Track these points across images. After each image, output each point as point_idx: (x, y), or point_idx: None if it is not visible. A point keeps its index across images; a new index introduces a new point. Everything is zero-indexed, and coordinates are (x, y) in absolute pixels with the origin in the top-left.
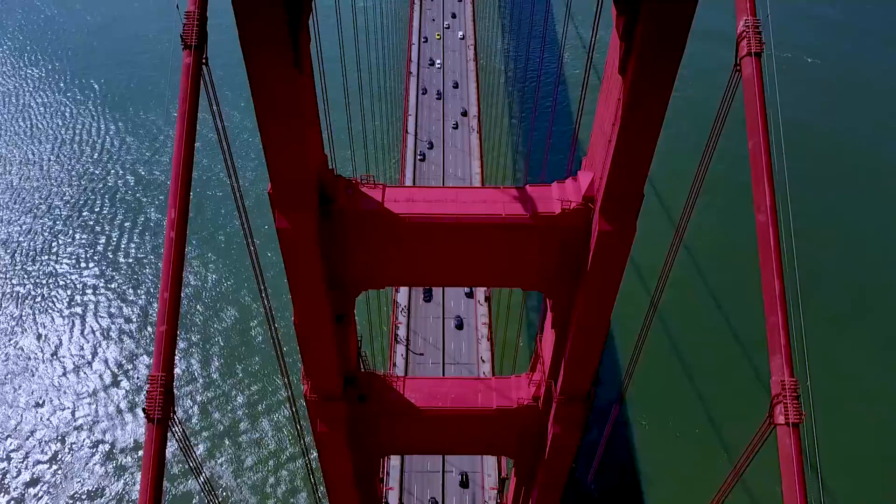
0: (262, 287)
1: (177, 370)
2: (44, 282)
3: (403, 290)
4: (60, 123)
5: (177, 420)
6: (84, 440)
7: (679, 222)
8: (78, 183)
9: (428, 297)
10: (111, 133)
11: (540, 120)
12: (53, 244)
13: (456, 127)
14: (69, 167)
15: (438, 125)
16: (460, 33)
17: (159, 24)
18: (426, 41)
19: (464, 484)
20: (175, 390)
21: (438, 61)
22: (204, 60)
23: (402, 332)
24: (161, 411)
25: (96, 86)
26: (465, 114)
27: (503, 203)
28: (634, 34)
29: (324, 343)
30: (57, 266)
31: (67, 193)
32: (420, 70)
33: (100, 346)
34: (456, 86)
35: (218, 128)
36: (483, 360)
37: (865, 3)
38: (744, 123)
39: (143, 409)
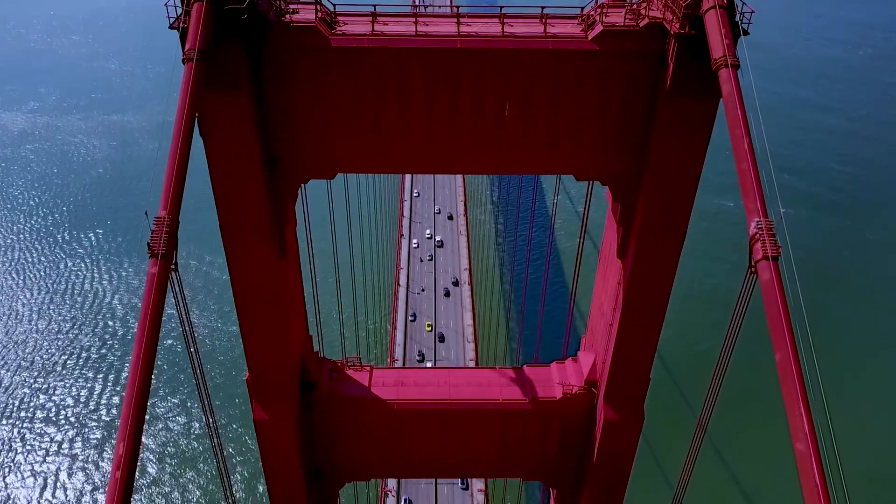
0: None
1: None
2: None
3: None
4: (55, 275)
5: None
6: None
7: (700, 418)
8: (65, 336)
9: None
10: (104, 284)
11: (533, 289)
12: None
13: (448, 294)
14: (59, 319)
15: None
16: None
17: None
18: (417, 246)
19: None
20: None
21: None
22: (173, 267)
23: None
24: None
25: (92, 238)
26: (456, 283)
27: (500, 386)
28: (633, 220)
29: None
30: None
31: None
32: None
33: None
34: (450, 291)
35: (188, 342)
36: None
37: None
38: (760, 316)
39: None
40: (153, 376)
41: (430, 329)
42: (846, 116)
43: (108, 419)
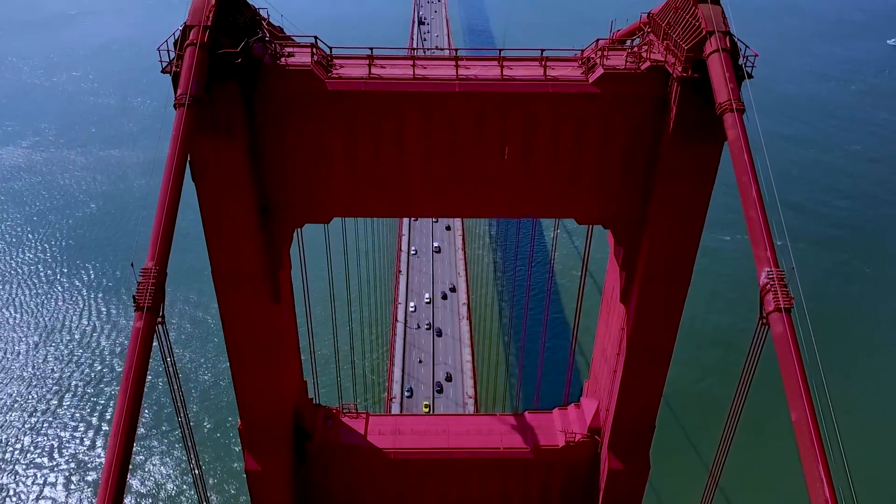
0: None
1: None
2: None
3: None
4: (50, 311)
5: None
6: None
7: (712, 467)
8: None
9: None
10: (98, 321)
11: (533, 325)
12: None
13: (440, 334)
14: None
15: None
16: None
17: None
18: (414, 310)
19: None
20: None
21: (427, 294)
22: (160, 320)
23: None
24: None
25: (90, 273)
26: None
27: (500, 434)
28: (636, 264)
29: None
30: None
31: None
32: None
33: None
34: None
35: (175, 397)
36: None
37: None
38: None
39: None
40: (139, 421)
41: (427, 410)
42: (840, 153)
43: (94, 465)
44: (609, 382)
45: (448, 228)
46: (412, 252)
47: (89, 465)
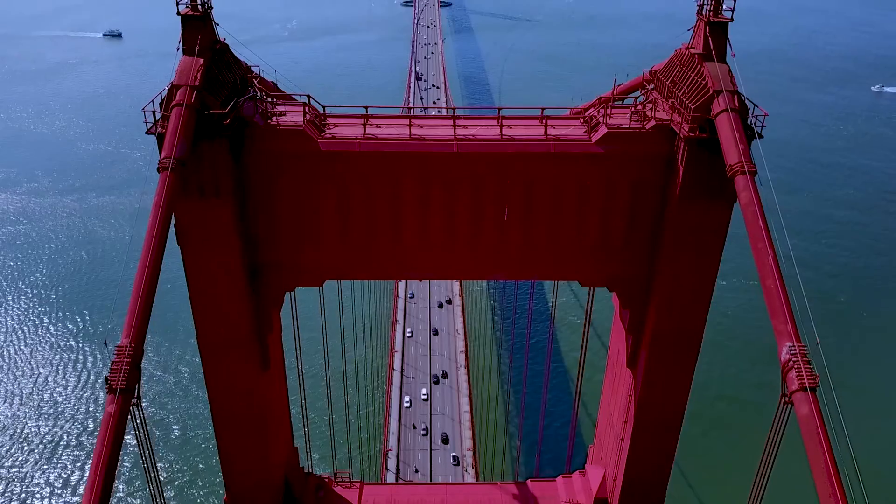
0: None
1: None
2: None
3: None
4: (39, 360)
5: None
6: None
7: None
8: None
9: None
10: (86, 372)
11: (533, 379)
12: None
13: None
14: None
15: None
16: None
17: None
18: (409, 406)
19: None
20: None
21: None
22: (134, 401)
23: None
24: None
25: (74, 325)
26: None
27: None
28: (644, 328)
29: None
30: None
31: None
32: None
33: None
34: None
35: (151, 490)
36: None
37: None
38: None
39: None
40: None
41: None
42: (831, 202)
43: None
44: (616, 450)
45: (442, 307)
46: (408, 334)
47: None
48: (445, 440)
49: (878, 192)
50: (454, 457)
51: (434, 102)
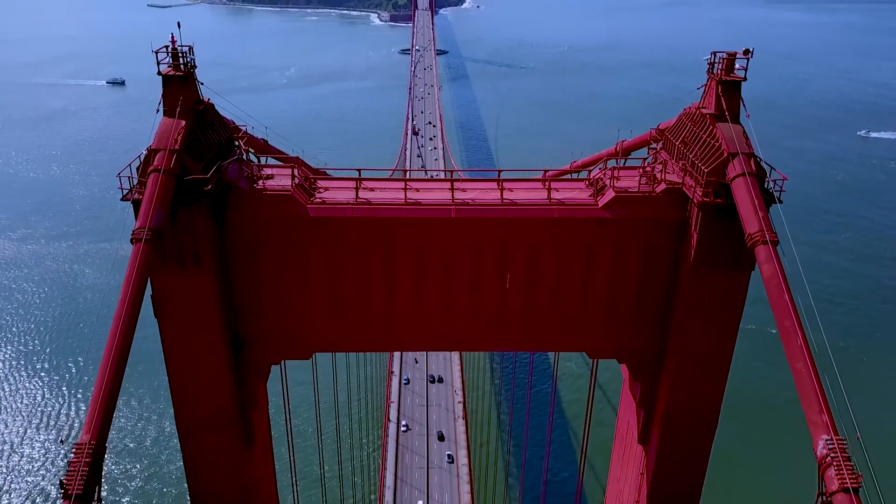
0: None
1: None
2: None
3: None
4: (31, 404)
5: None
6: None
7: None
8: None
9: None
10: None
11: (535, 439)
12: None
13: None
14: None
15: None
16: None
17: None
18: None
19: None
20: None
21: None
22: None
23: None
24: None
25: (71, 369)
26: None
27: None
28: (656, 403)
29: None
30: None
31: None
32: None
33: None
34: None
35: None
36: None
37: None
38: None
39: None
40: None
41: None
42: (822, 250)
43: None
44: None
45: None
46: (402, 428)
47: None
48: None
49: (878, 239)
50: None
51: (434, 157)
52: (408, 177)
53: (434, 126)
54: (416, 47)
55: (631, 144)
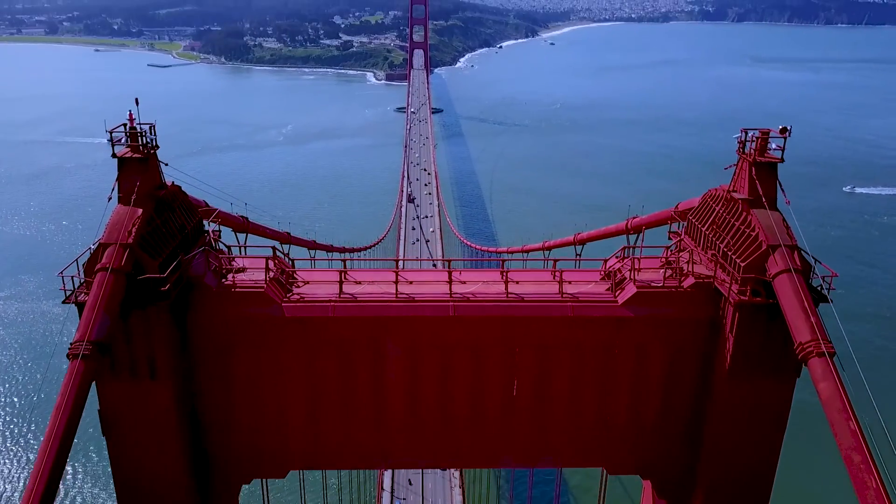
0: None
1: None
2: None
3: None
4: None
5: None
6: None
7: None
8: None
9: None
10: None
11: None
12: None
13: None
14: None
15: None
16: None
17: None
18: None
19: None
20: None
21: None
22: None
23: None
24: None
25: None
26: None
27: None
28: None
29: None
30: None
31: None
32: None
33: None
34: None
35: None
36: None
37: None
38: None
39: None
40: None
41: None
42: (841, 314)
43: None
44: None
45: None
46: None
47: None
48: None
49: (884, 299)
50: None
51: (430, 228)
52: (400, 267)
53: (429, 174)
54: (412, 109)
55: (644, 222)
